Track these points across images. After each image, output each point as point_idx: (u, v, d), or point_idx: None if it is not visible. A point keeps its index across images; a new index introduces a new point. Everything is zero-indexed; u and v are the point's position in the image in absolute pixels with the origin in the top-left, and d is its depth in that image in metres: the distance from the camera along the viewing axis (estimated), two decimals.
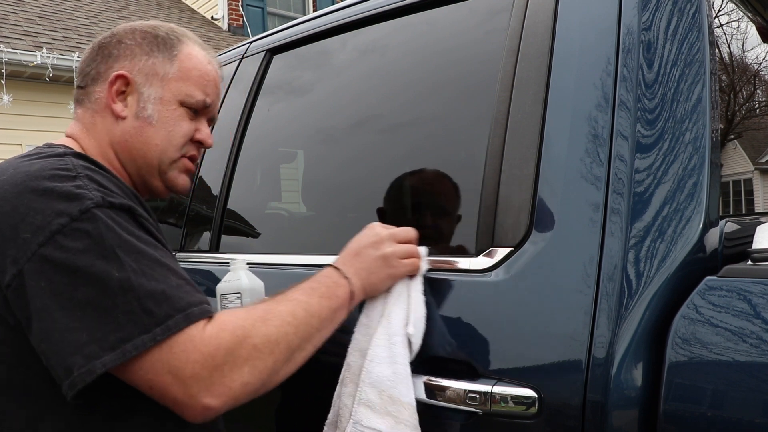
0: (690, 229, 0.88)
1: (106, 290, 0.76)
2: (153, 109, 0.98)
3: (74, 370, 0.75)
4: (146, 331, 0.76)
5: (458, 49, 1.25)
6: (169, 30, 1.03)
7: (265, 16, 9.80)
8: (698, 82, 0.94)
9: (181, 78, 1.00)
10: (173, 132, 1.00)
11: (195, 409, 0.78)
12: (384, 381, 0.92)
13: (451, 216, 1.20)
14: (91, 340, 0.75)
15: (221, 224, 1.58)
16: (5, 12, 6.92)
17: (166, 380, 0.76)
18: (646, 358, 0.83)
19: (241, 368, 0.79)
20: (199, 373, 0.77)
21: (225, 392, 0.78)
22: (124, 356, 0.75)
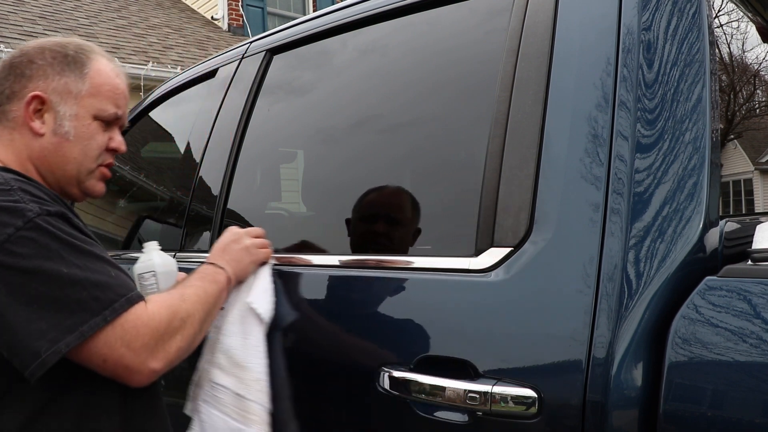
0: (690, 229, 0.88)
1: (57, 285, 0.89)
2: (69, 126, 1.07)
3: (41, 353, 0.87)
4: (97, 314, 0.91)
5: (458, 49, 1.25)
6: (76, 48, 1.10)
7: (265, 16, 9.80)
8: (698, 82, 0.94)
9: (93, 94, 1.09)
10: (89, 145, 1.10)
11: (143, 373, 0.95)
12: (232, 350, 1.16)
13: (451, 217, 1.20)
14: (51, 327, 0.88)
15: (221, 224, 1.58)
16: (5, 12, 6.92)
17: (120, 352, 0.92)
18: (646, 358, 0.83)
19: (175, 337, 0.98)
20: (148, 342, 0.94)
21: (166, 357, 0.97)
22: (82, 336, 0.89)
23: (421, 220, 1.28)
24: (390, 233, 1.29)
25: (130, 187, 2.39)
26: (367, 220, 1.32)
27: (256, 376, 1.14)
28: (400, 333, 1.07)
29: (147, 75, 6.63)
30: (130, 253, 2.00)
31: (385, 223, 1.30)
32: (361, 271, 1.20)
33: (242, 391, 1.13)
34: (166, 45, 7.78)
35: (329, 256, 1.32)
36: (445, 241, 1.17)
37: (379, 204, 1.30)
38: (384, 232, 1.29)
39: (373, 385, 1.06)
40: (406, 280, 1.11)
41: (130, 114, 2.27)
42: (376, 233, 1.29)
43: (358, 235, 1.32)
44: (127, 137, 2.29)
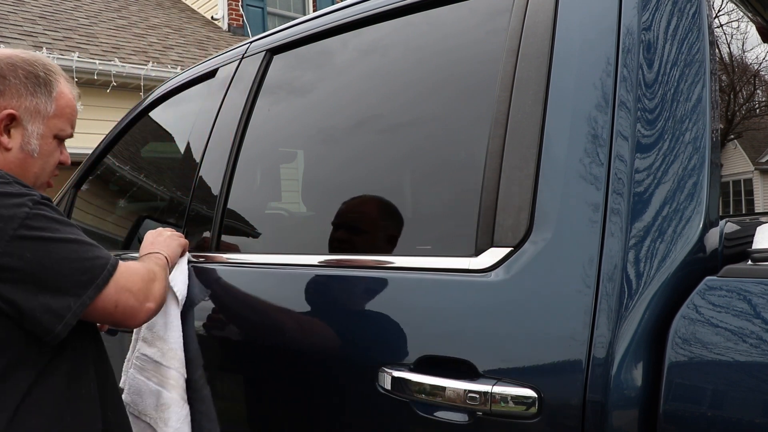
0: (690, 229, 0.88)
1: (71, 247, 1.06)
2: (35, 144, 1.18)
3: (72, 306, 1.04)
4: (103, 269, 1.08)
5: (458, 49, 1.25)
6: (45, 69, 1.19)
7: (265, 16, 9.80)
8: (698, 82, 0.94)
9: (57, 115, 1.20)
10: (48, 162, 1.22)
11: (142, 311, 1.14)
12: (155, 326, 1.40)
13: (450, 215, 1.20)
14: (74, 285, 1.04)
15: (221, 224, 1.58)
16: (5, 12, 6.92)
17: (125, 296, 1.11)
18: (646, 358, 0.83)
19: (155, 283, 1.19)
20: (142, 287, 1.14)
21: (155, 298, 1.18)
22: (98, 289, 1.06)
23: (420, 220, 1.28)
24: (355, 240, 1.34)
25: (130, 187, 2.39)
26: (336, 228, 1.38)
27: (172, 346, 1.36)
28: (400, 333, 1.07)
29: (147, 75, 6.64)
30: (130, 254, 2.00)
31: (348, 230, 1.37)
32: (362, 272, 1.20)
33: (161, 360, 1.36)
34: (166, 45, 7.78)
35: (329, 256, 1.32)
36: (445, 241, 1.17)
37: (345, 213, 1.37)
38: (347, 239, 1.35)
39: (373, 385, 1.06)
40: (406, 280, 1.11)
41: (130, 114, 2.28)
42: (341, 240, 1.36)
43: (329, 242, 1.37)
44: (127, 137, 2.30)
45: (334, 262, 1.28)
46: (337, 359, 1.17)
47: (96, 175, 2.46)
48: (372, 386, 1.06)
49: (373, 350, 1.10)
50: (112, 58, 6.65)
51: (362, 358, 1.11)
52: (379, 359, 1.07)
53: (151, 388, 1.36)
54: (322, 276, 1.28)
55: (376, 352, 1.09)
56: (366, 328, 1.14)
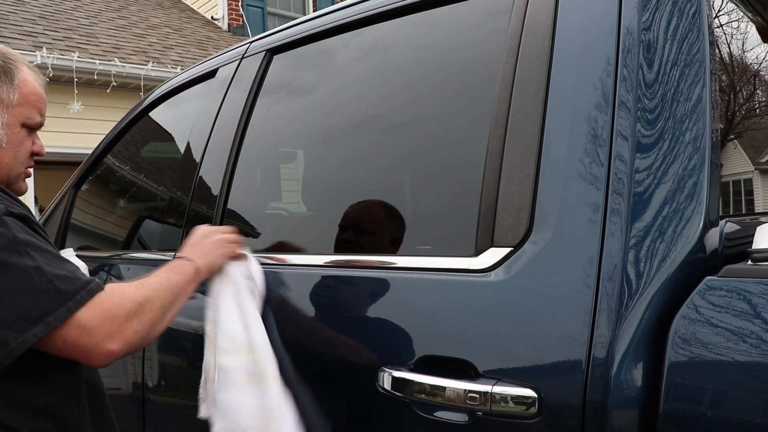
0: (690, 229, 0.88)
1: (25, 277, 0.95)
2: (2, 134, 1.13)
3: (10, 342, 0.93)
4: (62, 305, 0.96)
5: (458, 49, 1.25)
6: (3, 58, 1.16)
7: (265, 16, 9.80)
8: (698, 82, 0.94)
9: (21, 103, 1.16)
10: (19, 151, 1.17)
11: (101, 353, 0.99)
12: (234, 333, 1.20)
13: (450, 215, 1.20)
14: (19, 317, 0.94)
15: (221, 224, 1.58)
16: (5, 12, 6.92)
17: (76, 333, 0.97)
18: (646, 358, 0.83)
19: (132, 320, 1.02)
20: (104, 326, 0.99)
21: (122, 339, 1.01)
22: (48, 327, 0.94)
23: (420, 220, 1.28)
24: (361, 241, 1.34)
25: (130, 187, 2.39)
26: (342, 229, 1.37)
27: (261, 347, 1.18)
28: (401, 333, 1.07)
29: (147, 75, 6.63)
30: (130, 254, 2.00)
31: (356, 232, 1.36)
32: (362, 272, 1.20)
33: (253, 366, 1.17)
34: (166, 45, 7.78)
35: (330, 257, 1.32)
36: (445, 240, 1.17)
37: (352, 215, 1.36)
38: (354, 240, 1.34)
39: (373, 385, 1.06)
40: (406, 280, 1.11)
41: (130, 114, 2.28)
42: (348, 241, 1.34)
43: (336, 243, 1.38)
44: (127, 137, 2.30)
45: (334, 262, 1.28)
46: (338, 359, 1.17)
47: (96, 175, 2.46)
48: (372, 386, 1.06)
49: (373, 350, 1.10)
50: (112, 58, 6.65)
51: (362, 358, 1.11)
52: (380, 359, 1.07)
53: (252, 403, 1.17)
54: (322, 276, 1.28)
55: (376, 352, 1.09)
56: (366, 328, 1.14)
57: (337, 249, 1.35)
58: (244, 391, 1.17)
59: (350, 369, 1.14)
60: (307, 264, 1.33)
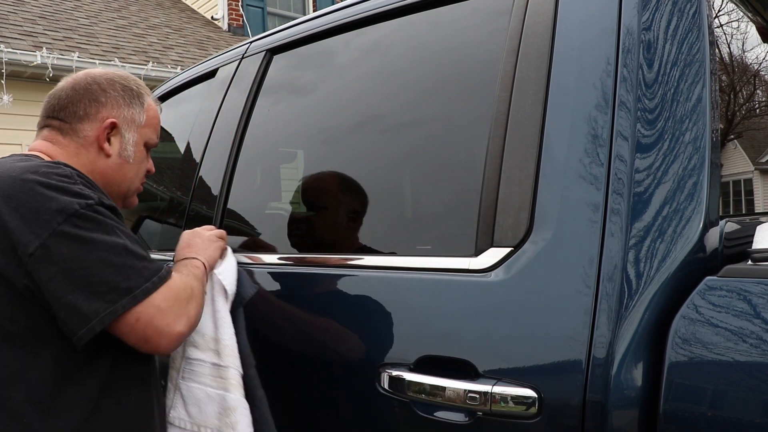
0: (690, 229, 0.88)
1: (114, 253, 1.04)
2: (131, 150, 1.27)
3: (100, 312, 1.00)
4: (147, 280, 1.05)
5: (458, 49, 1.25)
6: (136, 84, 1.31)
7: (265, 16, 9.80)
8: (698, 82, 0.94)
9: (147, 125, 1.30)
10: (141, 168, 1.31)
11: (171, 335, 1.07)
12: (204, 327, 1.27)
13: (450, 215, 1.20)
14: (110, 290, 1.01)
15: (221, 224, 1.58)
16: (5, 12, 6.92)
17: (154, 313, 1.04)
18: (646, 358, 0.83)
19: (191, 303, 1.12)
20: (173, 306, 1.07)
21: (188, 321, 1.10)
22: (135, 300, 1.02)
23: (420, 220, 1.28)
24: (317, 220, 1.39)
25: None
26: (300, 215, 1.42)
27: (227, 343, 1.26)
28: (401, 333, 1.07)
29: (147, 75, 6.63)
30: None
31: (310, 208, 1.40)
32: (362, 271, 1.20)
33: (218, 360, 1.26)
34: (166, 45, 7.78)
35: (330, 256, 1.32)
36: (445, 240, 1.17)
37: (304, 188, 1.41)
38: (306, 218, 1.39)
39: (373, 385, 1.06)
40: (406, 280, 1.11)
41: None
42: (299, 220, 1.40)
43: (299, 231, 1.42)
44: None
45: (334, 261, 1.28)
46: (338, 359, 1.17)
47: None
48: (372, 386, 1.06)
49: (373, 350, 1.10)
50: (112, 58, 6.65)
51: (362, 358, 1.11)
52: (379, 359, 1.07)
53: (210, 393, 1.25)
54: (322, 276, 1.28)
55: (376, 352, 1.09)
56: (366, 328, 1.14)
57: (332, 248, 1.35)
58: (207, 384, 1.26)
59: (350, 369, 1.14)
60: (308, 264, 1.33)
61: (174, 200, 1.92)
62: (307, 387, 1.22)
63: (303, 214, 1.59)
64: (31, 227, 1.00)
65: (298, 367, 1.24)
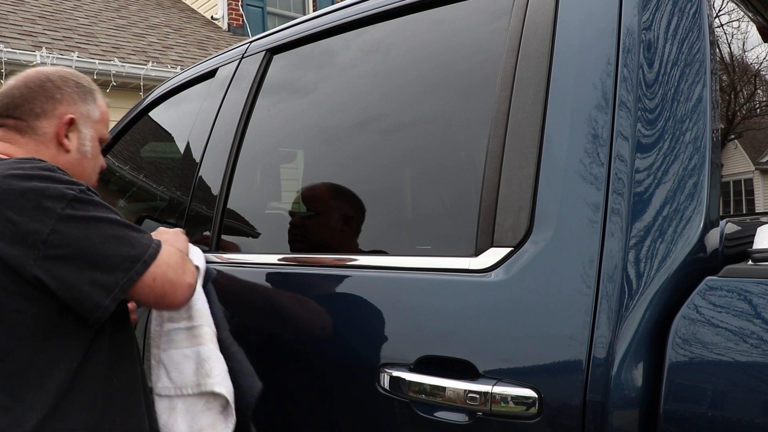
0: (690, 229, 0.88)
1: (117, 226, 1.11)
2: (89, 146, 1.30)
3: (120, 282, 1.08)
4: (150, 245, 1.13)
5: (458, 49, 1.25)
6: (87, 81, 1.33)
7: (265, 16, 9.80)
8: (699, 81, 0.94)
9: (100, 121, 1.34)
10: (97, 163, 1.35)
11: (183, 285, 1.17)
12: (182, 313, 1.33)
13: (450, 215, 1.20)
14: (123, 260, 1.09)
15: (221, 224, 1.58)
16: (5, 12, 6.92)
17: (165, 270, 1.13)
18: (646, 358, 0.83)
19: (186, 260, 1.22)
20: (178, 261, 1.17)
21: (192, 274, 1.21)
22: (146, 265, 1.11)
23: (420, 220, 1.28)
24: (308, 224, 1.43)
25: (129, 187, 2.39)
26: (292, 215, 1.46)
27: (198, 306, 1.32)
28: (401, 333, 1.07)
29: (147, 75, 6.63)
30: None
31: (303, 216, 1.45)
32: (362, 271, 1.20)
33: (190, 323, 1.32)
34: (166, 45, 7.78)
35: (330, 256, 1.32)
36: (445, 240, 1.17)
37: (299, 198, 1.46)
38: (301, 224, 1.43)
39: (373, 385, 1.06)
40: (406, 280, 1.11)
41: (130, 113, 2.28)
42: (296, 226, 1.44)
43: None
44: (127, 137, 2.30)
45: (335, 261, 1.28)
46: (338, 359, 1.17)
47: None
48: (372, 386, 1.06)
49: (373, 350, 1.10)
50: (111, 57, 6.65)
51: (362, 358, 1.11)
52: (379, 359, 1.07)
53: (187, 353, 1.33)
54: (322, 276, 1.28)
55: (376, 352, 1.09)
56: (366, 328, 1.14)
57: (332, 248, 1.36)
58: (183, 346, 1.32)
59: (351, 369, 1.13)
60: (307, 264, 1.33)
61: (174, 200, 1.92)
62: (308, 387, 1.21)
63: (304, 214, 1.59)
64: (36, 217, 1.04)
65: (298, 368, 1.24)
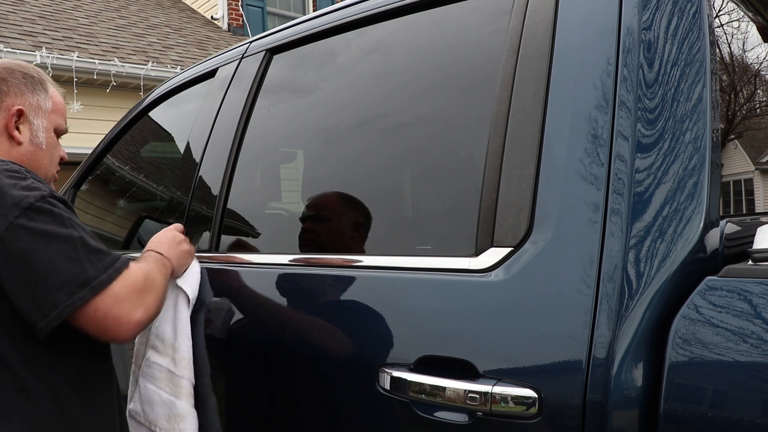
0: (690, 229, 0.88)
1: (71, 245, 1.04)
2: (43, 137, 1.27)
3: (59, 305, 1.00)
4: (103, 272, 1.05)
5: (458, 49, 1.25)
6: (35, 72, 1.30)
7: (265, 16, 9.80)
8: (699, 81, 0.94)
9: (53, 111, 1.30)
10: (54, 154, 1.31)
11: (130, 323, 1.07)
12: (165, 333, 1.36)
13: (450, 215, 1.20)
14: (68, 282, 1.01)
15: (221, 224, 1.58)
16: (5, 12, 6.92)
17: (110, 302, 1.05)
18: (646, 359, 0.83)
19: (148, 293, 1.12)
20: (130, 295, 1.07)
21: (145, 310, 1.10)
22: (93, 292, 1.02)
23: (420, 219, 1.28)
24: (318, 229, 1.43)
25: (130, 187, 2.39)
26: (302, 220, 1.47)
27: (184, 355, 1.35)
28: (401, 333, 1.07)
29: (147, 75, 6.63)
30: (129, 253, 2.00)
31: (314, 221, 1.44)
32: (362, 272, 1.20)
33: (174, 369, 1.34)
34: (166, 45, 7.78)
35: (330, 256, 1.32)
36: (445, 240, 1.17)
37: (309, 205, 1.46)
38: (312, 228, 1.43)
39: (373, 385, 1.06)
40: (406, 280, 1.11)
41: (129, 113, 2.27)
42: (307, 230, 1.44)
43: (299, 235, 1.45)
44: (127, 137, 2.29)
45: (334, 262, 1.28)
46: (338, 359, 1.17)
47: (96, 175, 2.45)
48: (372, 386, 1.06)
49: (373, 350, 1.10)
50: (111, 57, 6.65)
51: (362, 358, 1.11)
52: (379, 359, 1.07)
53: (163, 398, 1.34)
54: (322, 276, 1.28)
55: (376, 352, 1.09)
56: (366, 328, 1.13)
57: (300, 240, 1.41)
58: (161, 387, 1.35)
59: (351, 369, 1.13)
60: (307, 264, 1.33)
61: (174, 200, 1.92)
62: (307, 387, 1.21)
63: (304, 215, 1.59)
64: None
65: (298, 368, 1.24)
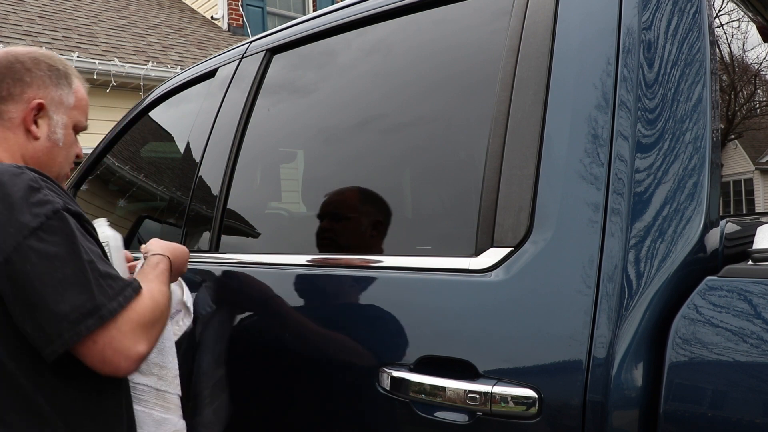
0: (690, 229, 0.88)
1: (80, 271, 0.98)
2: (61, 133, 1.20)
3: (64, 334, 0.94)
4: (113, 299, 0.99)
5: (458, 48, 1.25)
6: (62, 64, 1.24)
7: (265, 16, 9.79)
8: (699, 81, 0.94)
9: (76, 107, 1.24)
10: (70, 152, 1.24)
11: (131, 357, 1.00)
12: (150, 355, 1.27)
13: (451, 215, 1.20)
14: (74, 309, 0.95)
15: (221, 224, 1.58)
16: (5, 12, 6.91)
17: (114, 334, 0.98)
18: (646, 359, 0.83)
19: (155, 325, 1.06)
20: (135, 329, 1.01)
21: (149, 342, 1.03)
22: (101, 320, 0.96)
23: (420, 219, 1.28)
24: (338, 229, 1.39)
25: (130, 187, 2.39)
26: (320, 218, 1.43)
27: (171, 372, 1.33)
28: (401, 333, 1.07)
29: (147, 75, 6.63)
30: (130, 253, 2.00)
31: (331, 219, 1.41)
32: (362, 271, 1.20)
33: (162, 387, 1.33)
34: (166, 45, 7.78)
35: (329, 256, 1.32)
36: (446, 241, 1.17)
37: (327, 203, 1.42)
38: (330, 227, 1.40)
39: (373, 385, 1.06)
40: (406, 280, 1.11)
41: (129, 113, 2.27)
42: (325, 229, 1.40)
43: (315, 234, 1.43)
44: (127, 137, 2.29)
45: (334, 261, 1.28)
46: (337, 359, 1.17)
47: (95, 175, 2.45)
48: (372, 386, 1.06)
49: (373, 350, 1.10)
50: (111, 57, 6.65)
51: (362, 358, 1.11)
52: (379, 359, 1.07)
53: (155, 417, 1.31)
54: (322, 276, 1.28)
55: (376, 352, 1.09)
56: (366, 328, 1.14)
57: (317, 239, 1.39)
58: (152, 407, 1.32)
59: (350, 369, 1.13)
60: (308, 264, 1.33)
61: (174, 200, 1.92)
62: (307, 387, 1.21)
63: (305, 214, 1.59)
64: None
65: (298, 368, 1.24)
